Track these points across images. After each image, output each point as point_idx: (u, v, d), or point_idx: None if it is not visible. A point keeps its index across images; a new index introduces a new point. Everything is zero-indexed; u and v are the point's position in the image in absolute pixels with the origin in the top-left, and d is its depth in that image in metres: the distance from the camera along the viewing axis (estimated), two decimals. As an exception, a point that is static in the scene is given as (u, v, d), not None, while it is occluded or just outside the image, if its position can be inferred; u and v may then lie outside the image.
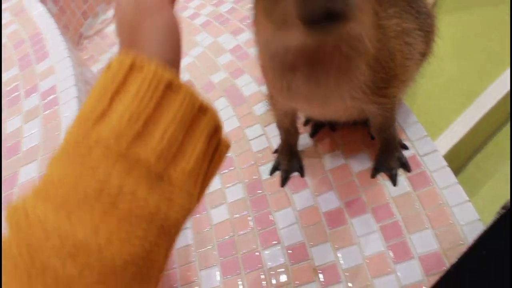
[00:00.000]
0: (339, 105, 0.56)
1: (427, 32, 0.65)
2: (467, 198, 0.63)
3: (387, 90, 0.58)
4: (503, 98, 0.88)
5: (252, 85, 0.91)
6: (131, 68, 0.32)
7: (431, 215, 0.63)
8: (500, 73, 0.93)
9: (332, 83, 0.50)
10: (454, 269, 0.50)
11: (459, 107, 0.88)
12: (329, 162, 0.74)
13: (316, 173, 0.74)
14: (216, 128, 0.36)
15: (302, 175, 0.74)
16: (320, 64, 0.48)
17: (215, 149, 0.37)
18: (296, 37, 0.40)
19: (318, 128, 0.79)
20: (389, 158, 0.69)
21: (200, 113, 0.34)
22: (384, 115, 0.63)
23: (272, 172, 0.77)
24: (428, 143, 0.70)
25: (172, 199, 0.32)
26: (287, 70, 0.50)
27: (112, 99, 0.31)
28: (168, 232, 0.32)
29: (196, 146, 0.34)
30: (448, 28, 1.01)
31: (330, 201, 0.70)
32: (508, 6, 1.02)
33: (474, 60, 0.98)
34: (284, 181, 0.75)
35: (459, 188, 0.64)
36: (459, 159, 0.88)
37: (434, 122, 0.88)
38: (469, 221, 0.61)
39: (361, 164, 0.72)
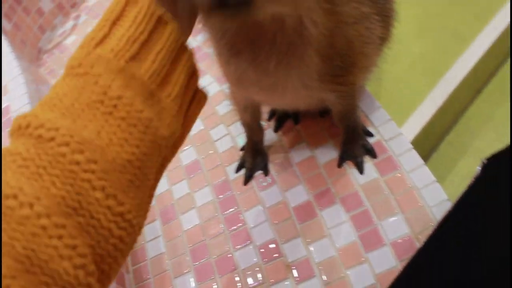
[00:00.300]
0: (293, 93, 0.55)
1: (386, 17, 0.64)
2: (434, 179, 0.62)
3: (344, 78, 0.57)
4: (468, 75, 0.88)
5: (213, 85, 0.89)
6: (127, 2, 0.36)
7: (400, 200, 0.62)
8: (463, 50, 0.92)
9: (276, 69, 0.49)
10: (422, 251, 0.49)
11: (426, 87, 0.88)
12: (295, 155, 0.73)
13: (283, 168, 0.73)
14: (194, 69, 0.40)
15: (266, 174, 0.73)
16: (261, 48, 0.47)
17: (193, 95, 0.41)
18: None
19: (281, 121, 0.77)
20: (353, 146, 0.68)
21: (182, 48, 0.38)
22: (343, 103, 0.62)
23: (238, 170, 0.75)
24: (392, 127, 0.69)
25: (162, 115, 0.35)
26: (233, 55, 0.49)
27: (112, 25, 0.35)
28: (159, 144, 0.35)
29: (179, 77, 0.37)
30: (408, 11, 1.00)
31: (298, 195, 0.69)
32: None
33: (437, 40, 0.97)
34: (247, 179, 0.73)
35: (426, 169, 0.63)
36: (431, 139, 0.88)
37: (403, 104, 0.87)
38: (438, 202, 0.60)
39: (327, 155, 0.71)
